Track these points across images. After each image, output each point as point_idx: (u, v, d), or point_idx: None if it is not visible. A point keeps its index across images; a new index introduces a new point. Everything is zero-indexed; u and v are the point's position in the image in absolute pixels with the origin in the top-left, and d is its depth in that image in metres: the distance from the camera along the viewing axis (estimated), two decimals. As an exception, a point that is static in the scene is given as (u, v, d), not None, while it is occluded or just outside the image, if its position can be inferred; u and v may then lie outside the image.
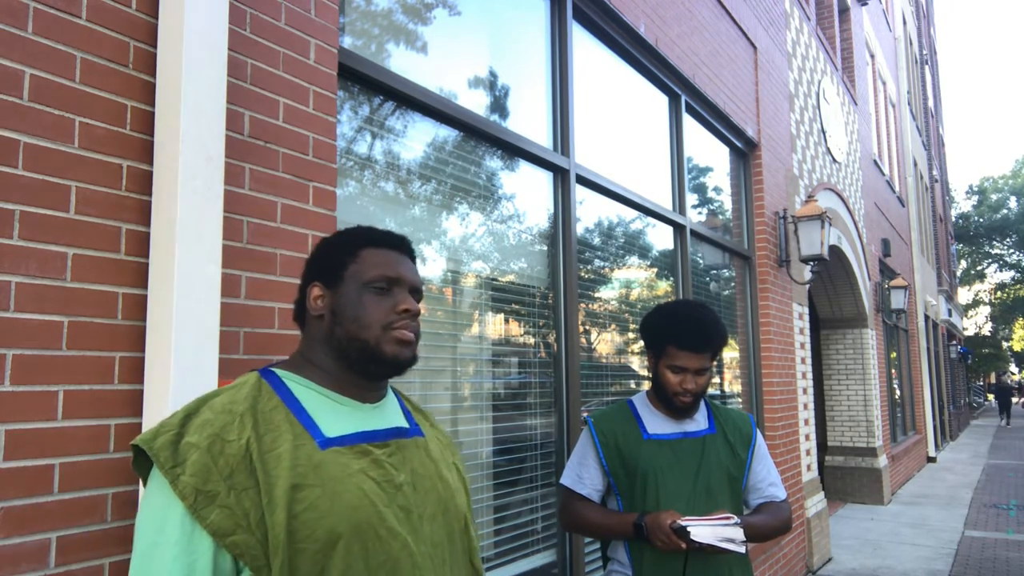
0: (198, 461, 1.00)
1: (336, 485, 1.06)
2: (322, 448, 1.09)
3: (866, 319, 9.44)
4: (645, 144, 4.63)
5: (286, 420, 1.09)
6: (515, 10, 3.49)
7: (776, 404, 5.70)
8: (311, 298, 1.22)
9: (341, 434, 1.13)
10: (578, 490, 2.08)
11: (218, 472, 1.00)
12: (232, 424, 1.05)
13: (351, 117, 2.47)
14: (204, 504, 0.98)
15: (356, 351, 1.16)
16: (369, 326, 1.16)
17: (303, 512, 1.02)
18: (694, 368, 2.00)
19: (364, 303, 1.18)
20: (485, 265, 3.11)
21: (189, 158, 1.59)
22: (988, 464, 13.88)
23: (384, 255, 1.23)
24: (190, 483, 0.99)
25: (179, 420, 1.05)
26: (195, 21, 1.64)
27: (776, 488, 2.14)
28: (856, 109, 10.04)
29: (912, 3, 18.87)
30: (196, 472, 0.99)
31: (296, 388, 1.16)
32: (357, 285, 1.19)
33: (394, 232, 1.29)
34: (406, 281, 1.22)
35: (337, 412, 1.16)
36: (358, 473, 1.09)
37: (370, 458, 1.13)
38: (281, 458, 1.04)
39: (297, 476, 1.04)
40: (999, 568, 6.30)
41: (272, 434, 1.07)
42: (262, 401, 1.11)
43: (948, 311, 21.87)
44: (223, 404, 1.08)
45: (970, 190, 42.81)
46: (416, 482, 1.18)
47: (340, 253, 1.22)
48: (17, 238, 1.40)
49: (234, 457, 1.02)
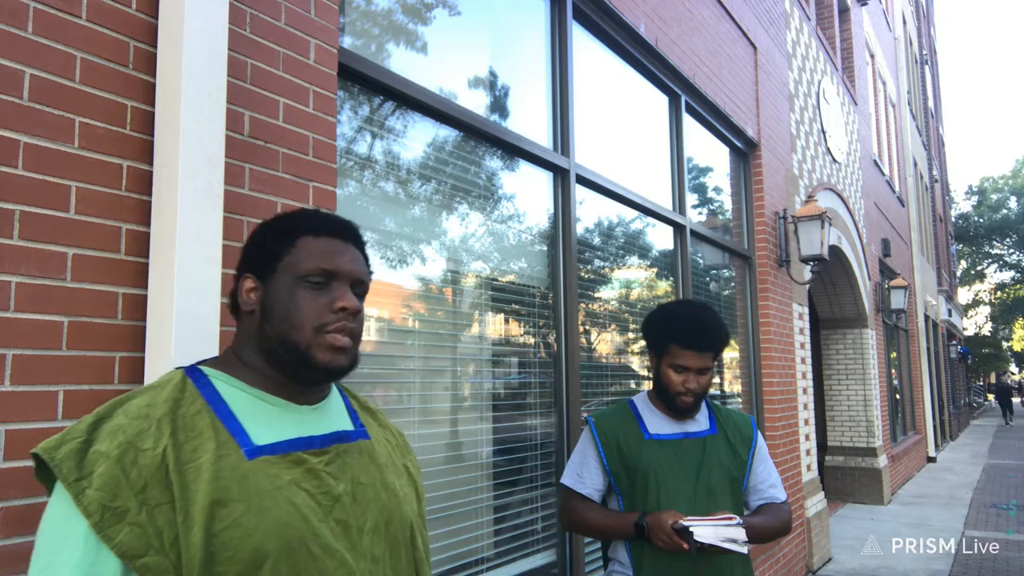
0: (106, 473, 0.89)
1: (263, 499, 0.95)
2: (249, 458, 0.97)
3: (866, 319, 9.44)
4: (645, 144, 4.63)
5: (210, 426, 0.98)
6: (515, 10, 3.49)
7: (776, 404, 5.70)
8: (243, 291, 1.09)
9: (273, 441, 1.01)
10: (579, 490, 2.08)
11: (129, 486, 0.89)
12: (148, 431, 0.94)
13: (351, 117, 2.47)
14: (112, 522, 0.88)
15: (286, 353, 1.05)
16: (300, 327, 1.04)
17: (224, 531, 0.91)
18: (696, 368, 2.00)
19: (296, 300, 1.05)
20: (485, 265, 3.11)
21: (189, 158, 1.59)
22: (988, 464, 13.88)
23: (324, 244, 1.09)
24: (96, 498, 0.87)
25: (88, 425, 0.93)
26: (195, 21, 1.64)
27: (776, 490, 2.14)
28: (856, 109, 10.03)
29: (912, 3, 18.86)
30: (103, 486, 0.88)
31: (224, 389, 1.04)
32: (290, 279, 1.06)
33: (337, 216, 1.16)
34: (346, 274, 1.09)
35: (270, 416, 1.04)
36: (289, 485, 0.99)
37: (304, 468, 1.02)
38: (202, 470, 0.93)
39: (219, 490, 0.93)
40: (999, 568, 6.30)
41: (193, 442, 0.95)
42: (184, 404, 0.99)
43: (948, 311, 21.87)
44: (139, 408, 0.97)
45: (970, 190, 42.82)
46: (357, 492, 1.07)
47: (275, 242, 1.10)
48: (17, 238, 1.40)
49: (148, 468, 0.91)
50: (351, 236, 1.15)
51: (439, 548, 2.65)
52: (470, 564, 2.81)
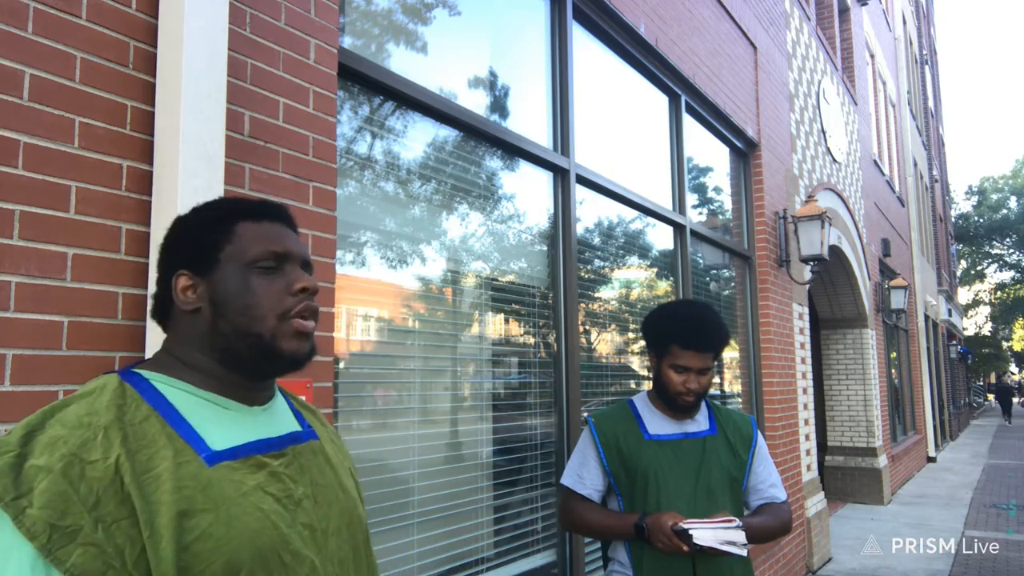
0: (50, 489, 0.80)
1: (231, 507, 0.90)
2: (210, 464, 0.92)
3: (866, 319, 9.44)
4: (645, 144, 4.63)
5: (162, 432, 0.91)
6: (515, 10, 3.49)
7: (776, 404, 5.70)
8: (178, 289, 1.01)
9: (231, 445, 0.96)
10: (579, 490, 2.08)
11: (80, 502, 0.81)
12: (93, 440, 0.86)
13: (351, 117, 2.47)
14: (62, 543, 0.79)
15: (248, 348, 0.99)
16: (262, 316, 0.99)
17: (194, 543, 0.86)
18: (697, 368, 2.00)
19: (251, 288, 0.99)
20: (485, 265, 3.11)
21: (189, 158, 1.59)
22: (988, 464, 13.88)
23: (265, 228, 1.05)
24: (41, 517, 0.79)
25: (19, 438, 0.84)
26: (195, 21, 1.64)
27: (776, 489, 2.14)
28: (856, 109, 10.04)
29: (912, 3, 18.87)
30: (48, 503, 0.80)
31: (170, 392, 0.97)
32: (238, 267, 1.00)
33: (268, 200, 1.12)
34: (296, 255, 1.05)
35: (223, 419, 0.99)
36: (255, 490, 0.94)
37: (267, 471, 0.97)
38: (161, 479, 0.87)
39: (183, 500, 0.87)
40: (999, 568, 6.30)
41: (147, 451, 0.88)
42: (129, 410, 0.91)
43: (948, 311, 21.87)
44: (78, 416, 0.88)
45: (970, 190, 42.82)
46: (317, 494, 1.03)
47: (209, 232, 1.03)
48: (17, 238, 1.40)
49: (100, 482, 0.83)
50: (286, 218, 1.10)
51: (439, 548, 2.65)
52: (470, 564, 2.81)
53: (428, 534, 2.61)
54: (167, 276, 1.04)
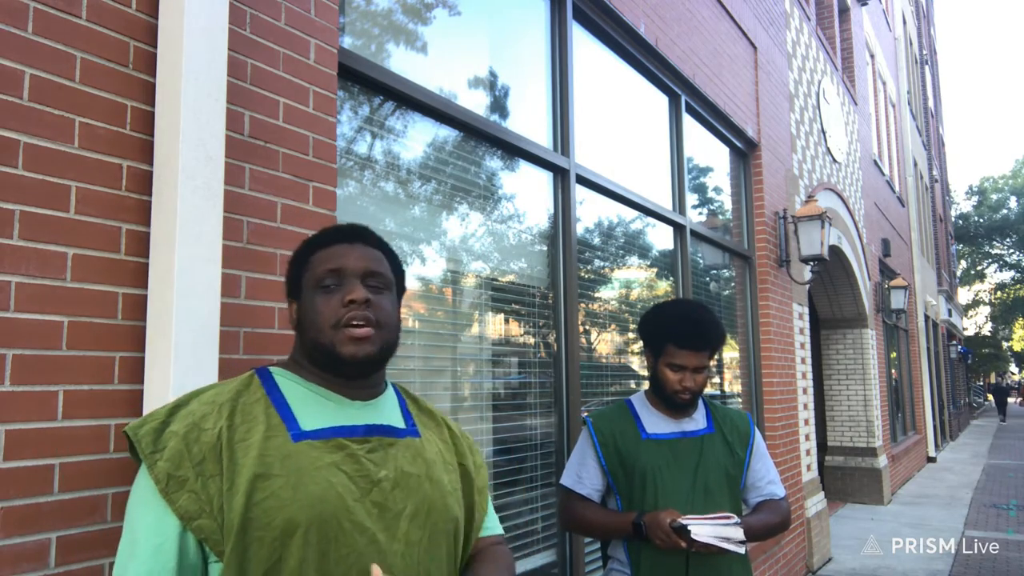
0: (174, 447, 1.04)
1: (302, 476, 1.07)
2: (295, 440, 1.10)
3: (866, 319, 9.43)
4: (645, 144, 4.63)
5: (264, 412, 1.12)
6: (515, 10, 3.49)
7: (776, 404, 5.70)
8: (290, 313, 1.26)
9: (318, 427, 1.13)
10: (578, 490, 2.09)
11: (190, 459, 1.04)
12: (210, 414, 1.09)
13: (351, 117, 2.47)
14: (175, 488, 1.02)
15: (320, 356, 1.17)
16: (321, 327, 1.17)
17: (263, 500, 1.03)
18: (693, 366, 2.02)
19: (315, 305, 1.18)
20: (485, 265, 3.11)
21: (189, 158, 1.59)
22: (988, 464, 13.88)
23: (330, 252, 1.22)
24: (164, 468, 1.03)
25: (168, 410, 1.09)
26: (195, 21, 1.64)
27: (775, 486, 2.15)
28: (856, 109, 10.03)
29: (912, 3, 18.86)
30: (170, 457, 1.04)
31: (283, 383, 1.18)
32: (311, 291, 1.20)
33: (345, 224, 1.28)
34: (352, 270, 1.20)
35: (321, 407, 1.17)
36: (329, 466, 1.10)
37: (346, 452, 1.13)
38: (250, 448, 1.06)
39: (263, 466, 1.05)
40: (999, 568, 6.30)
41: (247, 424, 1.09)
42: (247, 394, 1.14)
43: (948, 311, 21.86)
44: (210, 396, 1.12)
45: (970, 190, 42.81)
46: (400, 479, 1.16)
47: (296, 265, 1.25)
48: (17, 238, 1.40)
49: (207, 444, 1.05)
50: (357, 236, 1.25)
51: (439, 548, 2.64)
52: (470, 564, 2.81)
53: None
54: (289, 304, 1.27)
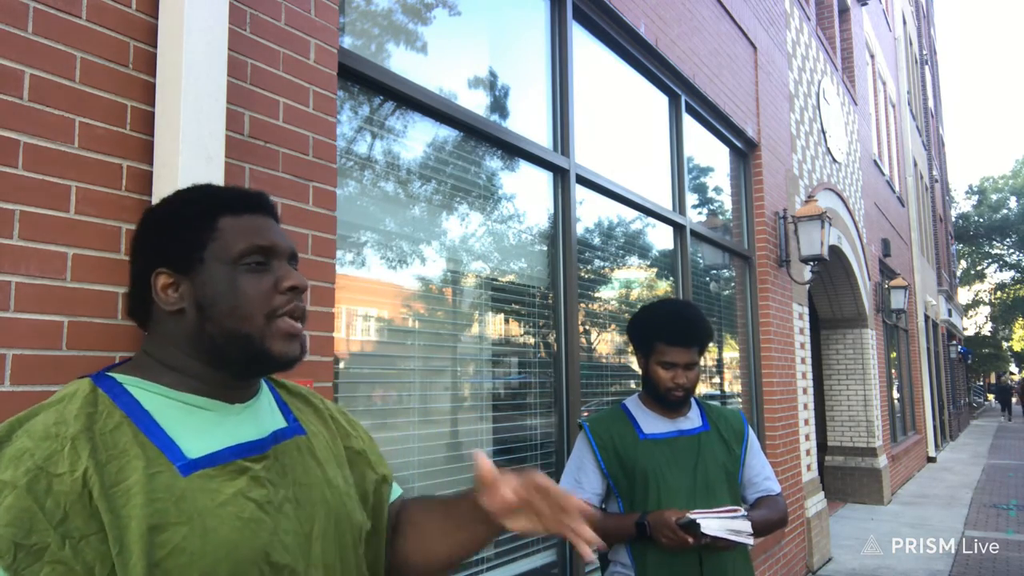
0: (15, 505, 0.77)
1: (207, 519, 0.86)
2: (184, 473, 0.87)
3: (866, 319, 9.43)
4: (645, 144, 4.63)
5: (134, 441, 0.86)
6: (515, 10, 3.49)
7: (776, 404, 5.70)
8: (158, 289, 0.96)
9: (208, 452, 0.91)
10: (577, 495, 2.09)
11: (46, 518, 0.78)
12: (60, 452, 0.82)
13: (351, 117, 2.47)
14: (28, 562, 0.76)
15: (237, 350, 0.94)
16: (250, 316, 0.94)
17: (167, 558, 0.82)
18: (683, 363, 2.04)
19: (239, 287, 0.94)
20: (485, 265, 3.11)
21: (189, 158, 1.59)
22: (988, 464, 13.87)
23: (248, 221, 0.98)
24: (6, 535, 0.76)
25: None
26: (195, 21, 1.64)
27: (771, 482, 2.18)
28: (856, 109, 10.03)
29: (912, 3, 18.87)
30: (13, 520, 0.76)
31: (145, 397, 0.92)
32: (224, 266, 0.95)
33: (247, 190, 1.05)
34: (283, 249, 0.99)
35: (200, 422, 0.94)
36: (235, 498, 0.89)
37: (248, 476, 0.92)
38: (131, 492, 0.83)
39: (155, 514, 0.83)
40: (999, 568, 6.30)
41: (117, 462, 0.84)
42: (100, 418, 0.87)
43: (948, 311, 21.86)
44: (45, 427, 0.84)
45: (970, 190, 42.80)
46: (300, 495, 0.98)
47: (190, 228, 0.97)
48: (17, 238, 1.40)
49: (67, 496, 0.79)
50: (270, 209, 1.04)
51: (439, 548, 2.64)
52: (470, 564, 2.81)
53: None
54: (143, 273, 0.98)
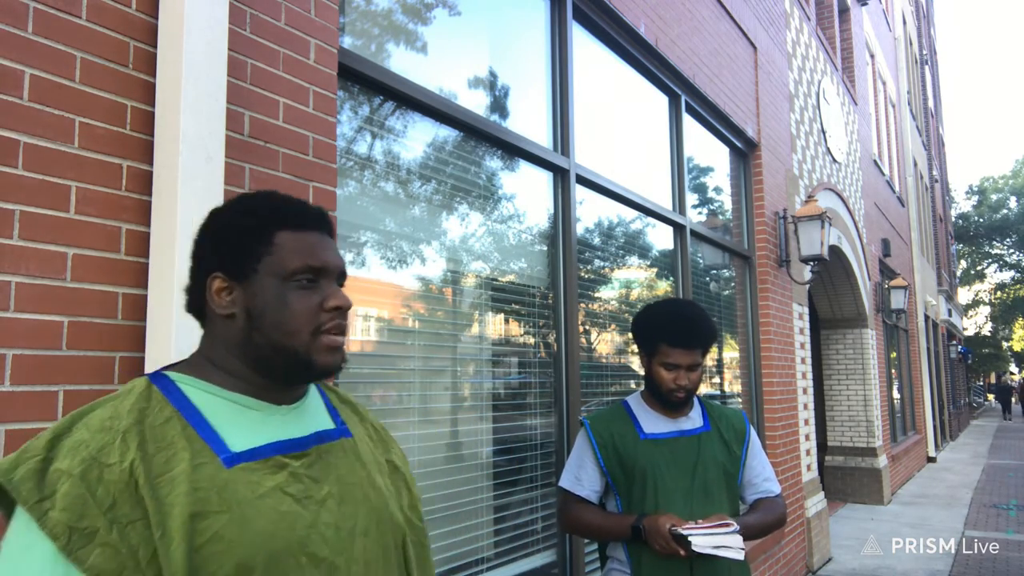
0: (70, 492, 0.83)
1: (246, 509, 0.90)
2: (228, 466, 0.92)
3: (866, 319, 9.43)
4: (645, 144, 4.63)
5: (182, 435, 0.92)
6: (515, 10, 3.49)
7: (776, 404, 5.70)
8: (212, 291, 1.01)
9: (251, 447, 0.96)
10: (577, 492, 2.10)
11: (96, 504, 0.84)
12: (112, 444, 0.88)
13: (351, 117, 2.47)
14: (81, 543, 0.82)
15: (281, 361, 1.00)
16: (296, 331, 0.99)
17: (206, 545, 0.86)
18: (686, 364, 2.04)
19: (288, 303, 0.99)
20: (485, 265, 3.11)
21: (189, 158, 1.59)
22: (988, 464, 13.88)
23: (306, 239, 1.02)
24: (62, 519, 0.82)
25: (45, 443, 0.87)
26: (195, 21, 1.64)
27: (771, 483, 2.18)
28: (856, 109, 10.03)
29: (912, 3, 18.87)
30: (68, 506, 0.82)
31: (195, 394, 0.98)
32: (276, 280, 0.99)
33: (308, 205, 1.08)
34: (332, 269, 1.03)
35: (247, 420, 0.99)
36: (273, 492, 0.94)
37: (287, 471, 0.97)
38: (176, 482, 0.88)
39: (197, 502, 0.88)
40: (999, 568, 6.30)
41: (164, 453, 0.90)
42: (151, 413, 0.93)
43: (948, 311, 21.86)
44: (101, 420, 0.90)
45: (970, 190, 42.79)
46: (343, 493, 1.02)
47: (250, 239, 1.01)
48: (17, 238, 1.40)
49: (116, 484, 0.85)
50: (326, 226, 1.08)
51: (439, 548, 2.65)
52: (470, 564, 2.81)
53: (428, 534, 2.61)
54: (201, 273, 1.03)
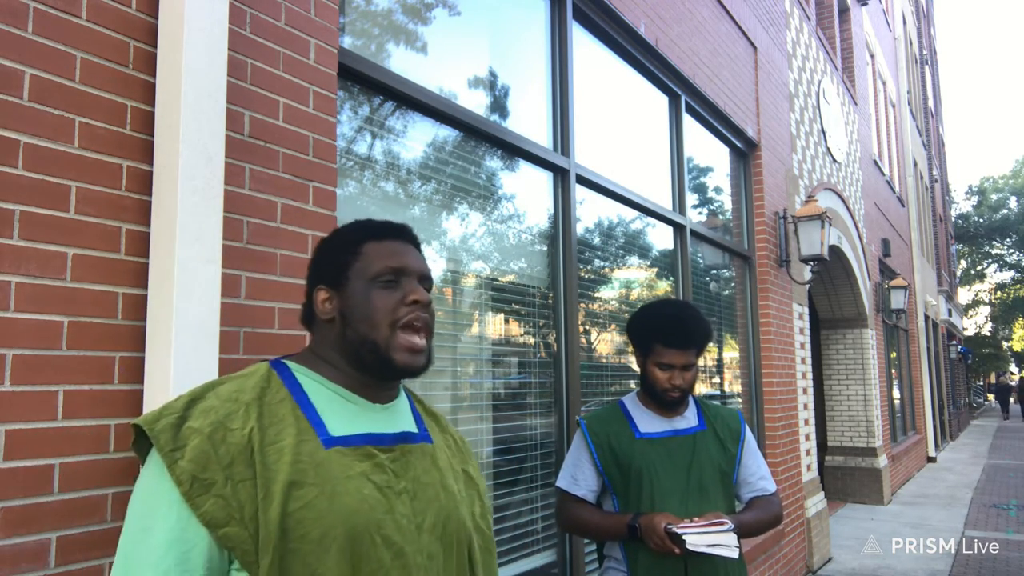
0: (198, 447, 0.97)
1: (336, 486, 1.03)
2: (326, 446, 1.05)
3: (866, 319, 9.43)
4: (645, 144, 4.63)
5: (292, 414, 1.06)
6: (515, 10, 3.49)
7: (776, 404, 5.70)
8: (318, 302, 1.18)
9: (346, 434, 1.09)
10: (574, 492, 2.11)
11: (217, 460, 0.97)
12: (237, 413, 1.03)
13: (351, 117, 2.47)
14: (199, 491, 0.95)
15: (368, 353, 1.13)
16: (378, 324, 1.13)
17: (299, 510, 0.99)
18: (681, 364, 2.05)
19: (371, 300, 1.14)
20: (485, 265, 3.11)
21: (189, 158, 1.59)
22: (988, 464, 13.87)
23: (387, 246, 1.19)
24: (188, 468, 0.96)
25: (184, 404, 1.03)
26: (195, 21, 1.64)
27: (766, 481, 2.19)
28: (856, 109, 10.03)
29: (912, 3, 18.87)
30: (195, 458, 0.96)
31: (306, 382, 1.13)
32: (363, 282, 1.15)
33: (394, 221, 1.25)
34: (413, 270, 1.18)
35: (346, 410, 1.13)
36: (359, 476, 1.06)
37: (373, 461, 1.09)
38: (283, 452, 1.01)
39: (297, 472, 1.01)
40: (999, 568, 6.30)
41: (276, 427, 1.04)
42: (270, 392, 1.08)
43: (948, 311, 21.86)
44: (229, 392, 1.06)
45: (970, 190, 42.79)
46: (417, 490, 1.13)
47: (342, 252, 1.19)
48: (17, 238, 1.40)
49: (236, 446, 0.99)
50: (410, 237, 1.24)
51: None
52: (470, 564, 2.81)
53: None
54: (311, 289, 1.21)
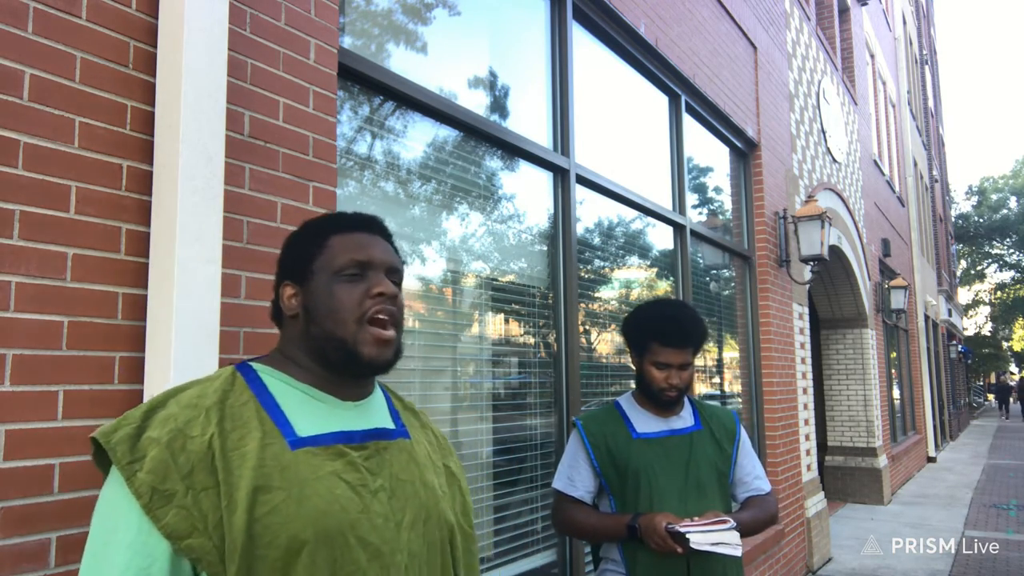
0: (156, 457, 0.93)
1: (304, 488, 0.99)
2: (293, 448, 1.02)
3: (866, 319, 9.43)
4: (645, 144, 4.63)
5: (256, 416, 1.02)
6: (515, 10, 3.49)
7: (776, 404, 5.70)
8: (284, 298, 1.14)
9: (315, 433, 1.05)
10: (570, 493, 2.10)
11: (177, 470, 0.94)
12: (197, 419, 0.99)
13: (351, 117, 2.47)
14: (160, 504, 0.92)
15: (333, 350, 1.08)
16: (343, 320, 1.08)
17: (265, 516, 0.95)
18: (678, 363, 2.05)
19: (335, 294, 1.09)
20: (485, 265, 3.11)
21: (189, 158, 1.59)
22: (988, 464, 13.87)
23: (353, 239, 1.13)
24: (146, 480, 0.92)
25: (142, 413, 0.99)
26: (195, 21, 1.64)
27: (761, 481, 2.19)
28: (856, 109, 10.03)
29: (912, 3, 18.87)
30: (153, 469, 0.93)
31: (272, 383, 1.09)
32: (327, 276, 1.10)
33: (362, 213, 1.20)
34: (379, 262, 1.13)
35: (314, 410, 1.08)
36: (330, 476, 1.02)
37: (345, 460, 1.05)
38: (246, 457, 0.98)
39: (262, 477, 0.97)
40: (999, 568, 6.30)
41: (239, 431, 1.00)
42: (233, 395, 1.04)
43: (948, 311, 21.86)
44: (190, 398, 1.02)
45: (970, 190, 42.79)
46: (395, 487, 1.09)
47: (307, 245, 1.14)
48: (17, 238, 1.40)
49: (195, 454, 0.95)
50: (378, 228, 1.19)
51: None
52: (470, 564, 2.81)
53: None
54: (277, 285, 1.17)
